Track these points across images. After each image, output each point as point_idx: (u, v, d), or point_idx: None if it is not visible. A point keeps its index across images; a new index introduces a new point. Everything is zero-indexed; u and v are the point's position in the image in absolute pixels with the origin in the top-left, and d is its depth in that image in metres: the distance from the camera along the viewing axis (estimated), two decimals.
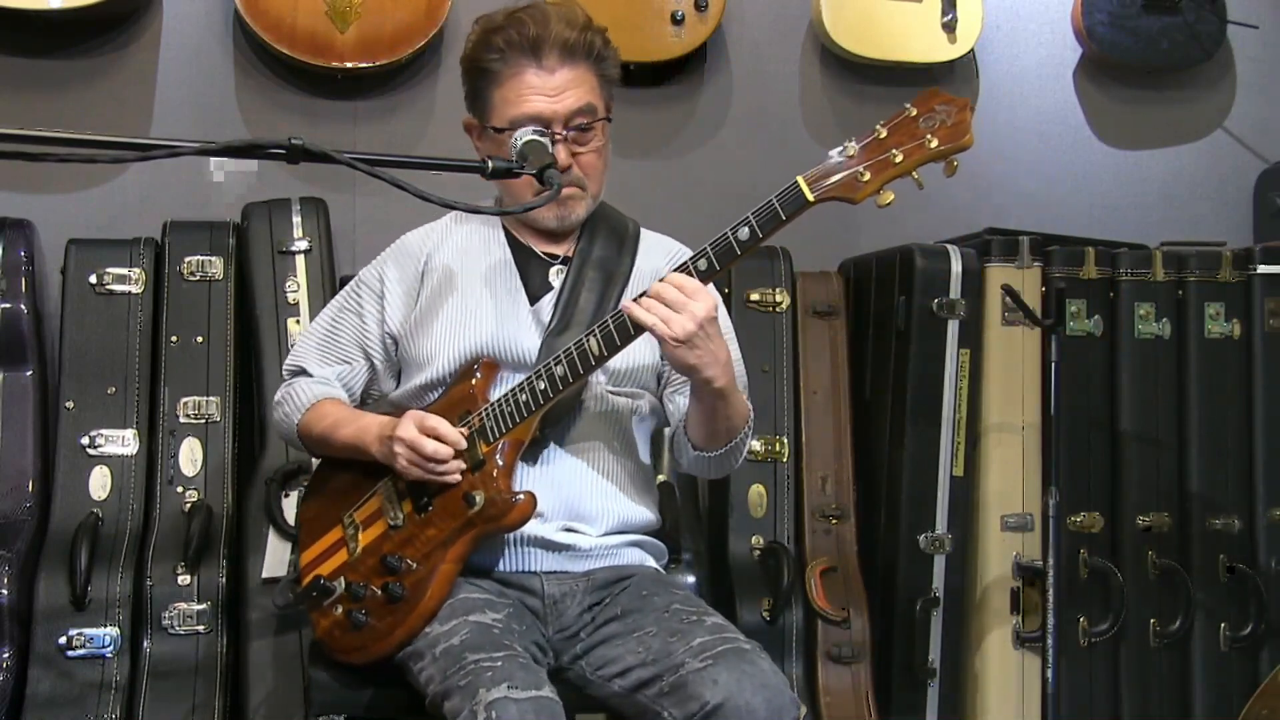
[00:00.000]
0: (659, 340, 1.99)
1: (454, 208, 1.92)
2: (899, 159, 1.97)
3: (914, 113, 1.99)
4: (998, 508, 3.17)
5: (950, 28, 3.57)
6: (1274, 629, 3.21)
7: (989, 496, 3.19)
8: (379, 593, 2.15)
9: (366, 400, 2.40)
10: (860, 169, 1.98)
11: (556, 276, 2.27)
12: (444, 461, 2.10)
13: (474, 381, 2.18)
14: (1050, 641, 2.79)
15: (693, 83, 3.66)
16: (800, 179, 2.00)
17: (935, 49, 3.60)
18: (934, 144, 1.97)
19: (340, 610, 2.19)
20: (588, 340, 2.06)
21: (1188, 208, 3.94)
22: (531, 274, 2.28)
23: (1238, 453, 3.27)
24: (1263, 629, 3.20)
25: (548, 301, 2.25)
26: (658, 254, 2.35)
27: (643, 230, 2.38)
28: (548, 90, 2.18)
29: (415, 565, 2.13)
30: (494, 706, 1.85)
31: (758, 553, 3.11)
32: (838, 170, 2.00)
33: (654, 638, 2.03)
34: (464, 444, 2.11)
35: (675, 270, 2.01)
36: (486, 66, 2.21)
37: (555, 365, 2.08)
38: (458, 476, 2.12)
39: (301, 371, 2.37)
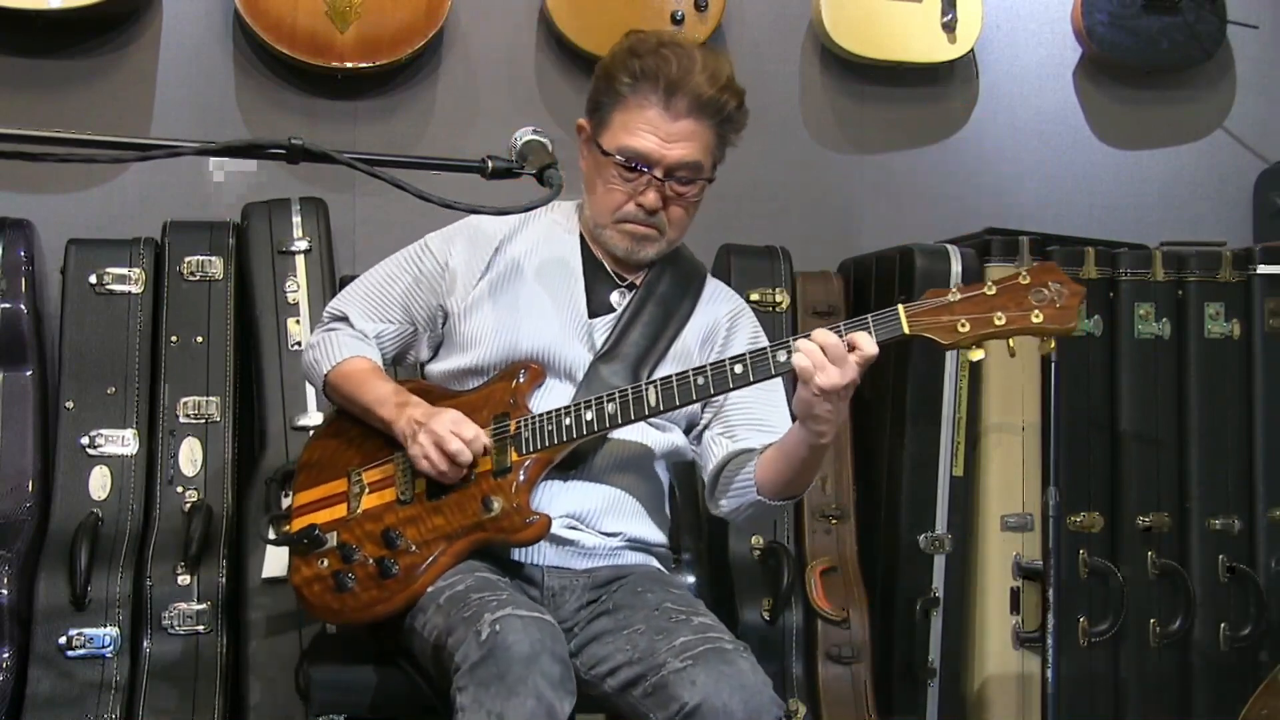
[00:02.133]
0: (803, 383, 1.97)
1: (454, 207, 1.92)
2: (1001, 321, 1.95)
3: (1026, 280, 1.96)
4: (998, 508, 3.17)
5: (950, 28, 3.57)
6: (1274, 629, 3.21)
7: (989, 496, 3.19)
8: (371, 563, 2.15)
9: (400, 363, 2.39)
10: (962, 319, 1.95)
11: (619, 299, 2.28)
12: (459, 467, 2.11)
13: (516, 384, 2.18)
14: (1050, 641, 2.78)
15: None
16: (900, 308, 1.98)
17: (935, 49, 3.60)
18: (1038, 320, 1.95)
19: (326, 566, 2.19)
20: (646, 390, 2.07)
21: (1188, 208, 3.94)
22: (597, 289, 2.28)
23: (1238, 453, 3.27)
24: (1263, 629, 3.20)
25: (605, 322, 2.26)
26: (719, 307, 2.35)
27: (709, 278, 2.38)
28: (664, 133, 2.17)
29: (414, 548, 2.13)
30: (499, 621, 1.88)
31: (758, 553, 3.11)
32: (939, 311, 1.97)
33: (641, 636, 2.03)
34: (474, 457, 2.12)
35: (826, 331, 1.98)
36: (617, 87, 2.19)
37: (608, 402, 2.08)
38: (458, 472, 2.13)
39: (344, 319, 2.35)
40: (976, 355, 1.97)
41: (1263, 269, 3.30)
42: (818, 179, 3.76)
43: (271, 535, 2.81)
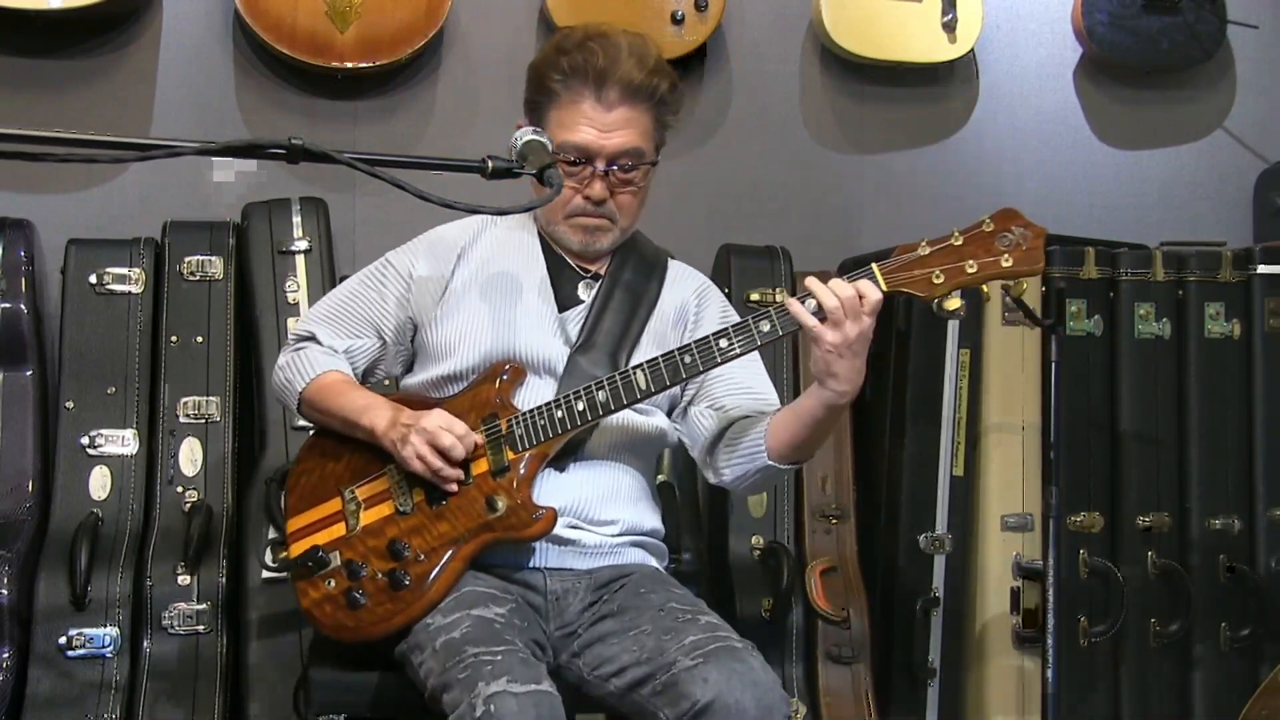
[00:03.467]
0: (815, 340, 2.02)
1: (454, 207, 1.91)
2: (972, 269, 2.04)
3: (990, 228, 2.04)
4: (998, 508, 3.17)
5: (950, 28, 3.57)
6: (1274, 629, 3.21)
7: (989, 496, 3.19)
8: (381, 576, 2.14)
9: (367, 380, 2.38)
10: (936, 270, 2.04)
11: (586, 291, 2.30)
12: (453, 463, 2.11)
13: (499, 383, 2.19)
14: (1050, 641, 2.78)
15: (693, 83, 3.65)
16: (875, 266, 2.05)
17: (935, 49, 3.60)
18: (1008, 263, 2.04)
19: (334, 585, 2.17)
20: (635, 374, 2.09)
21: (1188, 208, 3.94)
22: (563, 284, 2.29)
23: (1238, 453, 3.27)
24: (1262, 629, 3.20)
25: (576, 314, 2.27)
26: (685, 286, 2.37)
27: (670, 261, 2.40)
28: (600, 124, 2.20)
29: (423, 556, 2.12)
30: (493, 700, 1.85)
31: (758, 553, 3.11)
32: (912, 266, 2.04)
33: (648, 636, 2.03)
34: (466, 452, 2.12)
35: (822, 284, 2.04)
36: (549, 85, 2.23)
37: (598, 390, 2.10)
38: (454, 486, 2.13)
39: (311, 338, 2.34)
40: (954, 304, 2.05)
41: (1263, 269, 3.30)
42: (818, 179, 3.76)
43: (270, 561, 2.81)
